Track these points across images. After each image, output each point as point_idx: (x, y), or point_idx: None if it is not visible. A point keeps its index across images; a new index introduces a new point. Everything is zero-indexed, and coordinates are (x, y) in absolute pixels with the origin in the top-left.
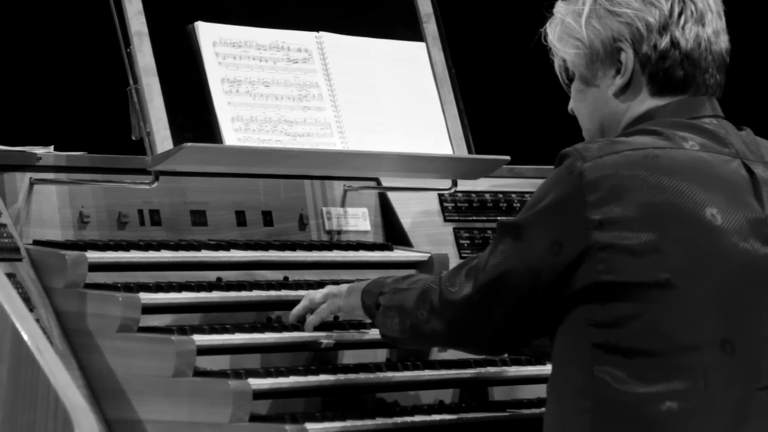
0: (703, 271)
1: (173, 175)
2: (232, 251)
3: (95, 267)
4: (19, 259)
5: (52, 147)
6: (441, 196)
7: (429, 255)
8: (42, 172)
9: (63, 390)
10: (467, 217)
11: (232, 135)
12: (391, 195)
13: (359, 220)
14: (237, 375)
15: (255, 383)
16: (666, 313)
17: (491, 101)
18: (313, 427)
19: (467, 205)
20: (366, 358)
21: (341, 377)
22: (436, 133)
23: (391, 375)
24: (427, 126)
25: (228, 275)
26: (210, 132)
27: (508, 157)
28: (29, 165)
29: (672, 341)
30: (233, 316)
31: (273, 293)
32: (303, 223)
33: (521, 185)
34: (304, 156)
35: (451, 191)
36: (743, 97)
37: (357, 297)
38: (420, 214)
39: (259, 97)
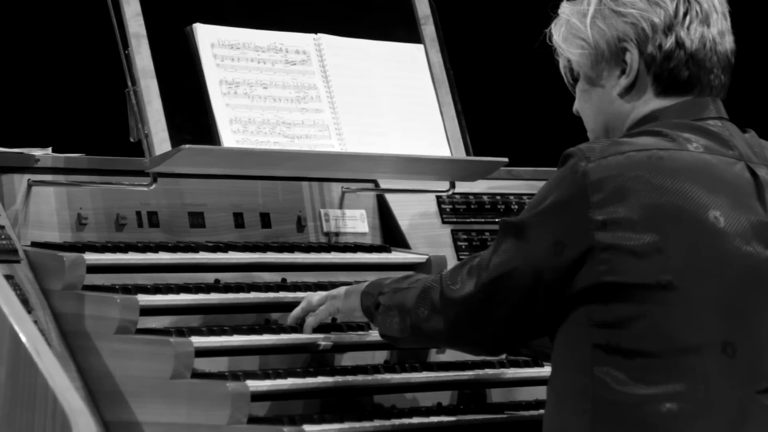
0: (705, 274)
1: (171, 177)
2: (230, 253)
3: (93, 269)
4: (17, 261)
5: (50, 149)
6: (439, 197)
7: (427, 257)
8: (40, 173)
9: (61, 392)
10: (465, 219)
11: (230, 137)
12: (389, 197)
13: (357, 221)
14: (235, 377)
15: (253, 385)
16: (667, 315)
17: (489, 103)
18: (311, 429)
19: (465, 207)
20: (364, 359)
21: (339, 379)
22: (434, 135)
23: (389, 377)
24: (425, 128)
25: (226, 277)
26: (208, 134)
27: (506, 159)
28: (27, 166)
29: (673, 343)
30: (231, 317)
31: (271, 295)
32: (301, 225)
33: (519, 187)
34: (302, 158)
35: (449, 193)
36: (748, 99)
37: (356, 298)
38: (418, 215)
39: (257, 99)
